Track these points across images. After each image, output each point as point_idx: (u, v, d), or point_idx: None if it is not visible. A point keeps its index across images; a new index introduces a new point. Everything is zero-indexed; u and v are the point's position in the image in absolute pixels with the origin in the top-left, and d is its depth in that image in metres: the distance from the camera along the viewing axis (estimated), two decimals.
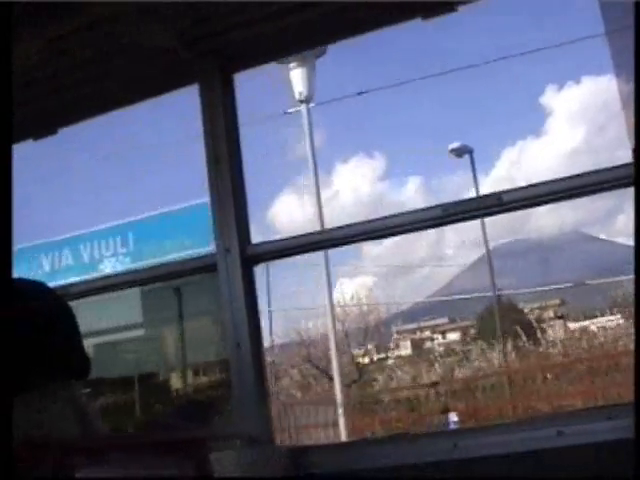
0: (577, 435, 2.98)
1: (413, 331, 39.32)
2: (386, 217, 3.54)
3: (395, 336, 35.88)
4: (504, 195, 3.25)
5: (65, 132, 4.14)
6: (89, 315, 4.38)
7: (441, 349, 31.62)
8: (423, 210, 3.45)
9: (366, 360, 30.95)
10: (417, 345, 36.41)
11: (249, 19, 3.62)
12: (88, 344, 4.40)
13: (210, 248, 3.64)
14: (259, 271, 3.64)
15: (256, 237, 3.63)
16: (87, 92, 4.07)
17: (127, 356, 4.64)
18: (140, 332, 4.58)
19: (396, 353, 34.36)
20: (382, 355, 33.01)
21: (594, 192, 3.29)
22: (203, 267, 3.84)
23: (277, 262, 14.91)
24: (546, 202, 3.32)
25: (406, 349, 35.46)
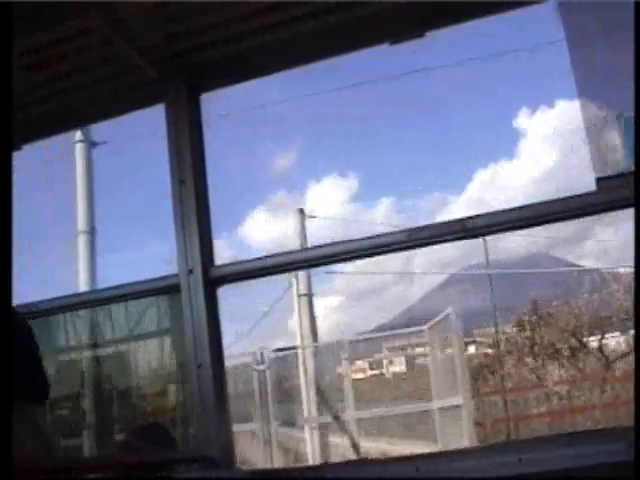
0: (538, 462, 2.98)
1: None
2: (353, 240, 3.54)
3: None
4: (468, 221, 3.26)
5: None
6: (51, 333, 4.33)
7: None
8: (389, 234, 3.46)
9: None
10: None
11: (217, 39, 3.63)
12: (51, 363, 4.36)
13: None
14: None
15: None
16: (54, 107, 4.05)
17: (87, 374, 4.59)
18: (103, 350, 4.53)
19: None
20: None
21: (559, 220, 3.32)
22: (166, 288, 3.81)
23: None
24: (510, 229, 3.35)
25: None
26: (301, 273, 17.98)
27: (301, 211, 19.06)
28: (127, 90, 3.93)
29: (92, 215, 14.54)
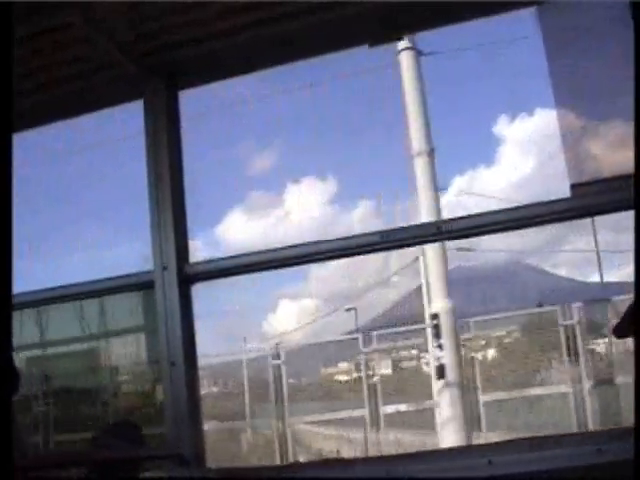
0: (506, 465, 2.99)
1: None
2: (327, 240, 3.54)
3: None
4: (443, 224, 3.28)
5: None
6: (24, 328, 4.31)
7: None
8: (363, 235, 3.46)
9: None
10: None
11: (196, 37, 3.62)
12: (22, 357, 4.34)
13: None
14: None
15: None
16: (33, 101, 4.02)
17: (62, 371, 4.58)
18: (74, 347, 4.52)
19: None
20: None
21: (533, 225, 3.34)
22: (140, 284, 3.80)
23: None
24: (484, 233, 3.36)
25: None
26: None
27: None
28: (106, 86, 3.91)
29: (429, 133, 13.27)
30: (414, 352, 17.07)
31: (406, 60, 13.25)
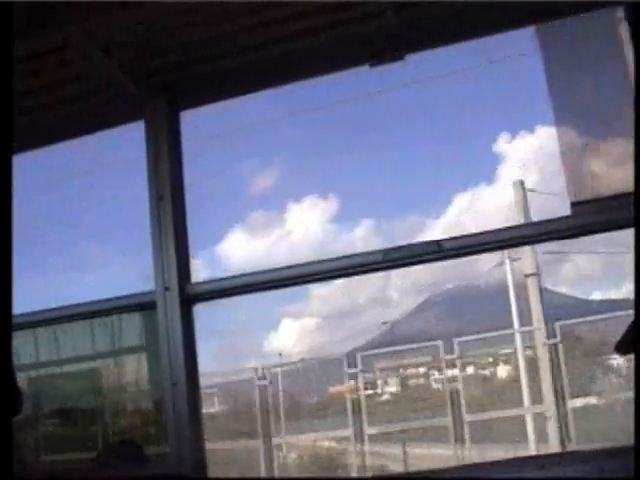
0: None
1: None
2: (329, 260, 3.55)
3: None
4: (444, 243, 3.28)
5: None
6: (26, 348, 4.30)
7: None
8: (365, 254, 3.46)
9: None
10: None
11: (198, 57, 3.63)
12: (24, 377, 4.32)
13: None
14: None
15: None
16: (33, 122, 4.02)
17: (62, 391, 4.55)
18: (76, 366, 4.50)
19: None
20: None
21: (533, 243, 3.36)
22: (142, 305, 3.79)
23: None
24: (485, 251, 3.37)
25: None
26: (525, 252, 16.96)
27: (521, 183, 18.00)
28: (107, 106, 3.92)
29: None
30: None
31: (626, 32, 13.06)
